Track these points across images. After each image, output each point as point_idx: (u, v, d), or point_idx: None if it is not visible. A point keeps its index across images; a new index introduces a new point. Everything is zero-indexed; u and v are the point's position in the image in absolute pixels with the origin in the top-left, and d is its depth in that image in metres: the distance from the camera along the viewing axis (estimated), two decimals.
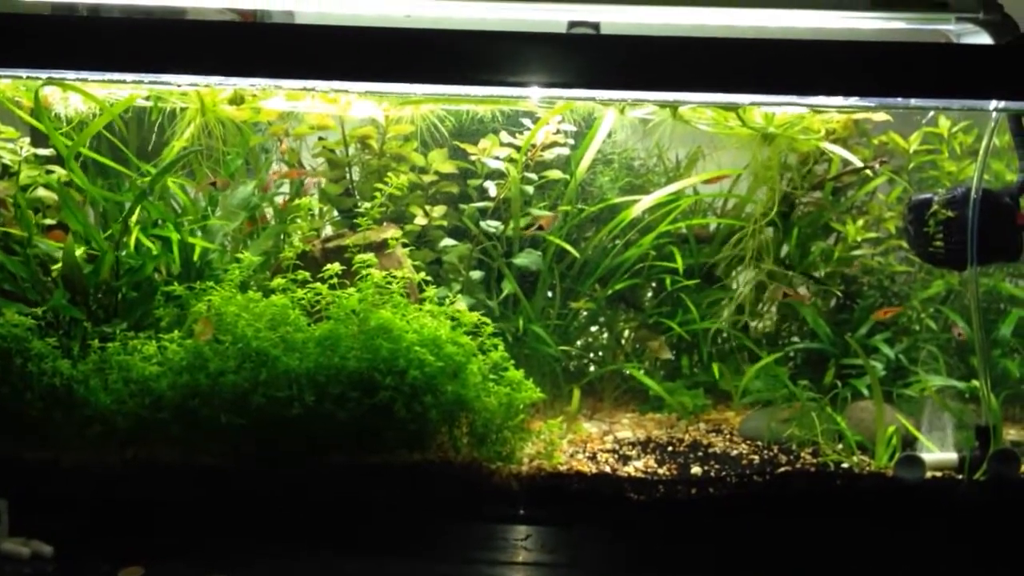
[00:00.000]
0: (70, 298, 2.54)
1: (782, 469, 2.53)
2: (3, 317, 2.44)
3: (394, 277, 2.56)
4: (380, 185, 2.79)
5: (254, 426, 2.37)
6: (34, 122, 2.66)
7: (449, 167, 3.00)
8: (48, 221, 2.73)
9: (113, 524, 2.39)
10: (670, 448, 2.67)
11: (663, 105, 2.72)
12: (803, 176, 3.03)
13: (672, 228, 3.01)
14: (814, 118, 2.81)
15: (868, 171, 2.97)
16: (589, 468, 2.51)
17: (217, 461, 2.43)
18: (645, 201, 2.95)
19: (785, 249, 3.09)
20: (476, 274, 2.99)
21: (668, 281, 3.04)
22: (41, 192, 2.71)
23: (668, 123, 2.85)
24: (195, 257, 2.72)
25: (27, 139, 2.74)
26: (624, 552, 2.40)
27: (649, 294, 3.17)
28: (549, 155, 2.98)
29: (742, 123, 2.77)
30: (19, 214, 2.60)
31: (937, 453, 2.56)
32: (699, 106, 2.72)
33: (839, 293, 3.11)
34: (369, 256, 2.58)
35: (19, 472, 2.42)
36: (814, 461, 2.57)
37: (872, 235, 3.11)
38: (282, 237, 2.86)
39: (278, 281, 2.56)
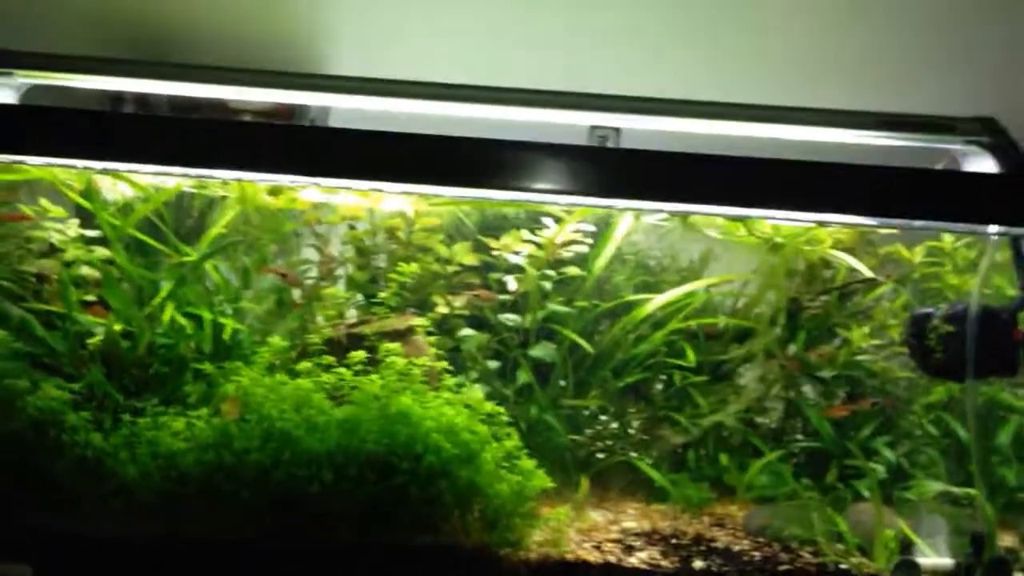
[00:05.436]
0: (106, 372, 2.63)
1: (783, 567, 2.53)
2: (41, 391, 2.54)
3: (415, 364, 2.62)
4: (394, 275, 2.90)
5: (275, 503, 2.42)
6: (85, 203, 2.80)
7: (472, 259, 3.09)
8: (89, 297, 2.83)
9: None
10: (674, 540, 2.68)
11: (674, 215, 2.88)
12: (809, 281, 3.14)
13: (683, 325, 3.10)
14: (820, 230, 2.93)
15: (875, 280, 3.09)
16: (595, 557, 2.53)
17: (238, 537, 2.45)
18: (659, 299, 3.05)
19: (792, 349, 3.14)
20: (493, 363, 3.05)
21: (677, 376, 3.11)
22: (84, 270, 2.83)
23: (680, 228, 2.99)
24: (225, 336, 2.82)
25: (75, 220, 2.89)
26: None
27: (659, 388, 3.20)
28: (567, 252, 3.07)
29: (749, 233, 2.93)
30: (62, 290, 2.72)
31: (933, 558, 2.60)
32: (709, 215, 2.87)
33: (844, 395, 3.19)
34: (395, 345, 2.66)
35: (46, 541, 2.45)
36: (814, 561, 2.58)
37: (876, 341, 3.20)
38: (308, 320, 2.98)
39: (304, 365, 2.62)
